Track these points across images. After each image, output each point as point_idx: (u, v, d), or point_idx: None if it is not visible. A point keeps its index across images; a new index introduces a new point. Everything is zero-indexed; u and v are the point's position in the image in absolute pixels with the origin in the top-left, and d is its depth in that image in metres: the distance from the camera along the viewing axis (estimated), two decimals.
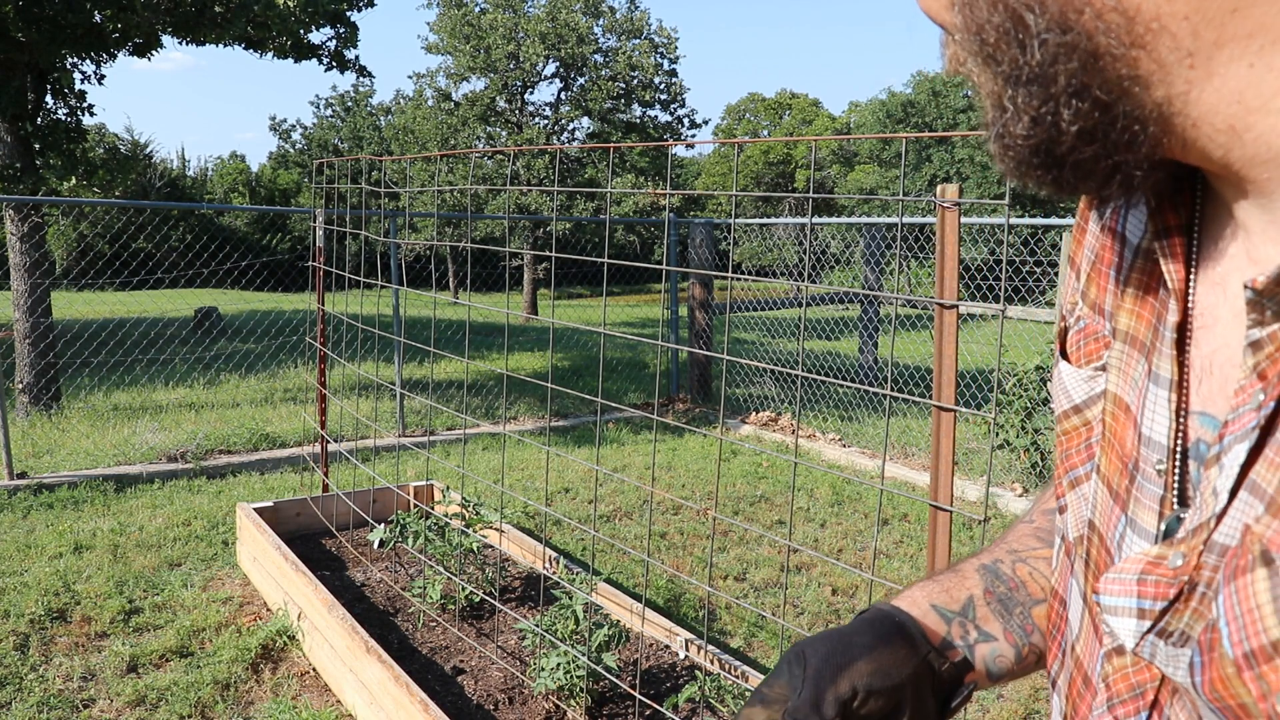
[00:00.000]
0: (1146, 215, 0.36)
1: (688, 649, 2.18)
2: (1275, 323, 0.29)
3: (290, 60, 6.19)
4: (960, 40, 0.32)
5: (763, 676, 2.09)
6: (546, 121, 17.99)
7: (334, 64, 6.62)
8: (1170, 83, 0.28)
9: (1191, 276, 0.34)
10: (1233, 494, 0.30)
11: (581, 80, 17.66)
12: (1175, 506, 0.33)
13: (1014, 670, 0.50)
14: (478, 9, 17.12)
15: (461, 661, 2.21)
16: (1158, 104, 0.29)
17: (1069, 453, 0.40)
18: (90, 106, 5.68)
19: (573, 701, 1.96)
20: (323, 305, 3.06)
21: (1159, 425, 0.34)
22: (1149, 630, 0.32)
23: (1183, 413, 0.34)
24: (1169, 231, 0.34)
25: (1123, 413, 0.36)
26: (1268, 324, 0.29)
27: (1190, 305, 0.34)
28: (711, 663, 2.07)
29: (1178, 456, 0.34)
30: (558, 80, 17.81)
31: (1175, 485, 0.33)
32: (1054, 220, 4.05)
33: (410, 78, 23.41)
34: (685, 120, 18.45)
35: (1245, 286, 0.29)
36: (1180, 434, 0.33)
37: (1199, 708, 0.31)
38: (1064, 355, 0.42)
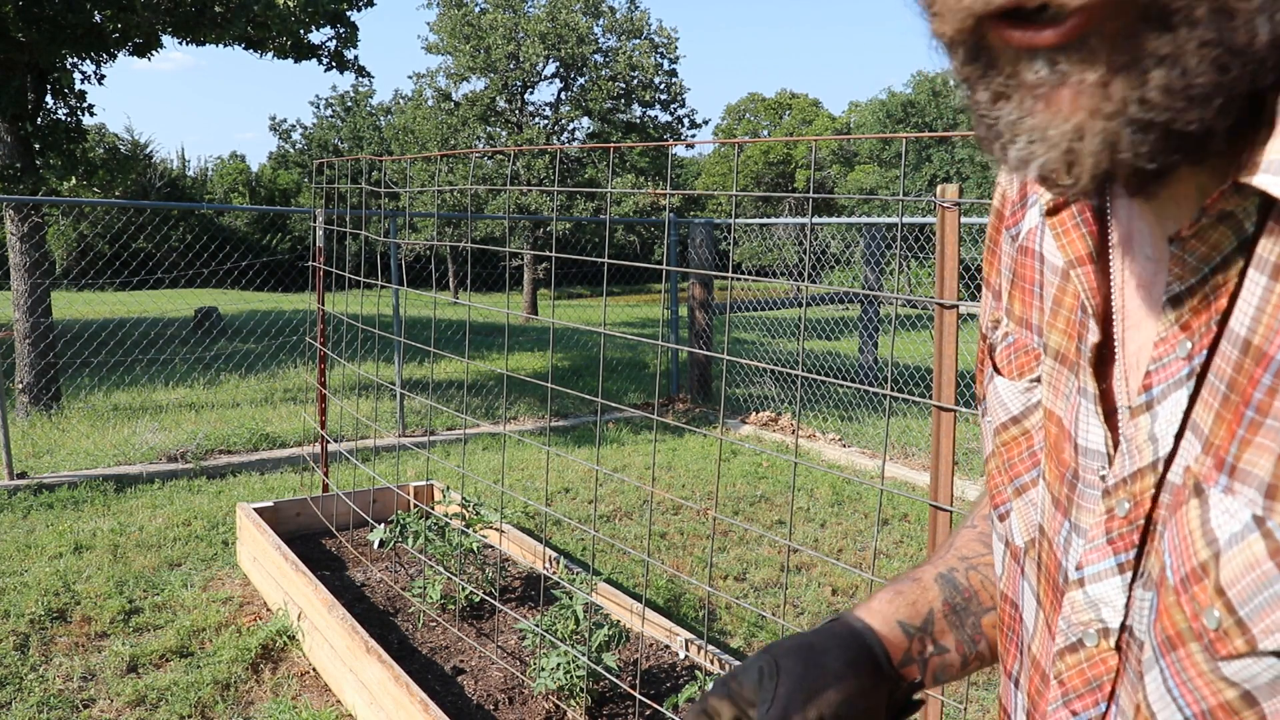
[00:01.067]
0: (1057, 243, 0.37)
1: (688, 649, 2.18)
2: (1193, 276, 0.30)
3: (290, 60, 6.19)
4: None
5: None
6: (546, 121, 17.99)
7: (334, 64, 6.62)
8: None
9: (1114, 288, 0.35)
10: (1177, 438, 0.31)
11: (581, 80, 17.66)
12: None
13: (956, 676, 0.52)
14: (478, 9, 17.12)
15: (461, 661, 2.21)
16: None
17: (1011, 461, 0.42)
18: (90, 106, 5.68)
19: (573, 701, 1.96)
20: (323, 305, 3.05)
21: (1094, 435, 0.36)
22: (1133, 580, 0.33)
23: (1113, 415, 0.35)
24: (1081, 261, 0.36)
25: (1055, 427, 0.38)
26: (1187, 278, 0.30)
27: (1116, 312, 0.35)
28: (712, 663, 2.07)
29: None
30: (558, 80, 17.81)
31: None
32: None
33: (410, 78, 23.43)
34: (685, 120, 18.45)
35: (1169, 239, 0.30)
36: (1115, 437, 0.35)
37: (1141, 666, 0.32)
38: (996, 370, 0.43)
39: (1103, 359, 0.35)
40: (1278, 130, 0.27)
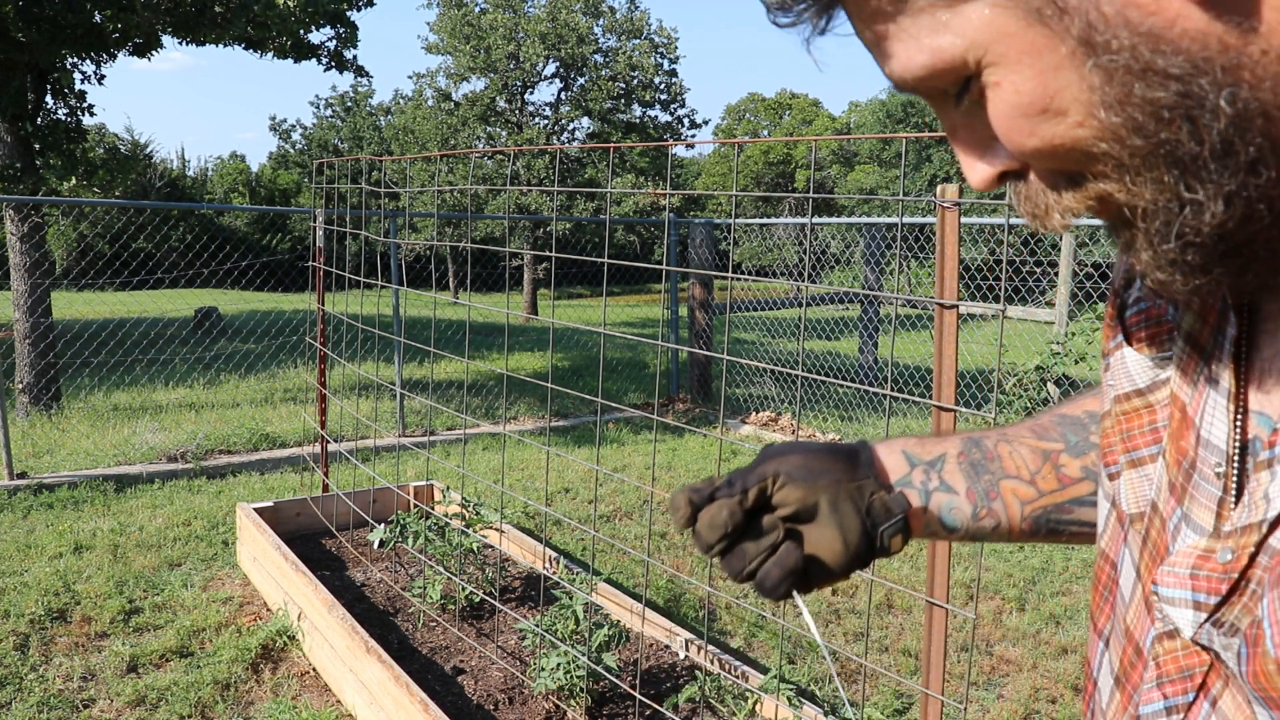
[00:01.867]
0: None
1: (688, 649, 2.18)
2: None
3: (290, 60, 6.19)
4: (1112, 150, 0.29)
5: (763, 677, 2.09)
6: (546, 121, 17.99)
7: (333, 64, 6.62)
8: None
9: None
10: None
11: (581, 80, 17.66)
12: (1233, 508, 0.35)
13: (969, 527, 0.53)
14: (478, 9, 17.11)
15: (461, 661, 2.21)
16: None
17: (1130, 433, 0.41)
18: (90, 106, 5.68)
19: (573, 701, 1.95)
20: (323, 305, 3.05)
21: (1218, 430, 0.35)
22: (1205, 621, 0.34)
23: (1241, 412, 0.34)
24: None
25: (1179, 413, 0.37)
26: None
27: (1253, 314, 0.35)
28: (711, 663, 2.07)
29: (1236, 459, 0.34)
30: (558, 80, 17.81)
31: (1234, 488, 0.34)
32: None
33: (410, 78, 23.43)
34: (685, 120, 18.44)
35: None
36: (1239, 436, 0.34)
37: (1245, 693, 0.32)
38: (1126, 335, 0.41)
39: (1238, 354, 0.35)
40: None
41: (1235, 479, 0.34)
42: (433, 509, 2.67)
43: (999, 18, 0.28)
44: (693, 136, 18.81)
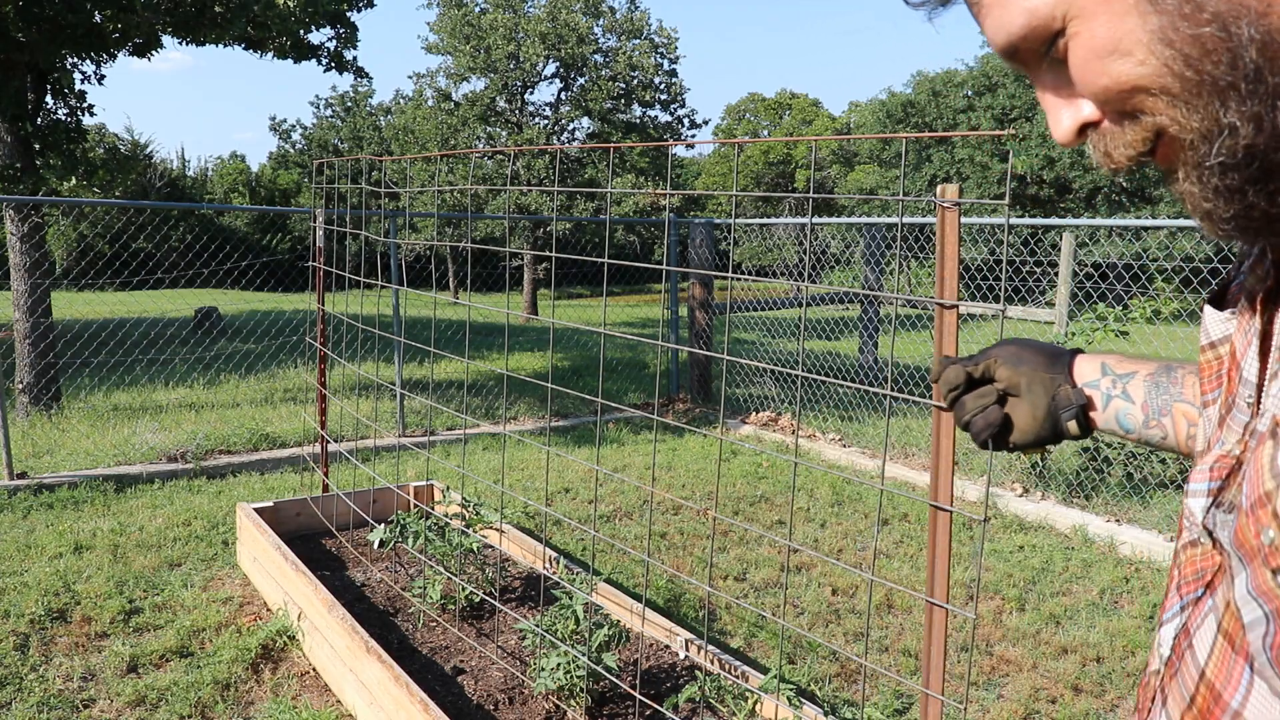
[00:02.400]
0: None
1: (688, 649, 2.18)
2: None
3: (290, 61, 6.19)
4: (1168, 83, 0.35)
5: (763, 677, 2.08)
6: (547, 121, 17.98)
7: (333, 64, 6.62)
8: None
9: None
10: (1260, 389, 0.37)
11: (581, 80, 17.65)
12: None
13: (1140, 432, 0.65)
14: (478, 9, 17.11)
15: (461, 661, 2.21)
16: None
17: (1204, 379, 0.48)
18: (90, 107, 5.68)
19: (573, 701, 1.96)
20: (323, 305, 3.06)
21: (1250, 368, 0.42)
22: (1211, 504, 0.40)
23: (1269, 352, 0.41)
24: None
25: (1231, 359, 0.44)
26: None
27: None
28: (711, 663, 2.07)
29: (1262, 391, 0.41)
30: (558, 80, 17.80)
31: (1259, 413, 0.40)
32: (1054, 220, 4.05)
33: (410, 78, 23.43)
34: (685, 120, 18.44)
35: None
36: (1265, 372, 0.40)
37: (1232, 569, 0.37)
38: (1216, 300, 0.48)
39: (1268, 303, 0.41)
40: None
41: (1258, 405, 0.40)
42: (433, 509, 2.67)
43: None
44: (693, 136, 18.81)
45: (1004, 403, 0.68)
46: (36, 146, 5.26)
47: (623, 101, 17.68)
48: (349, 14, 6.43)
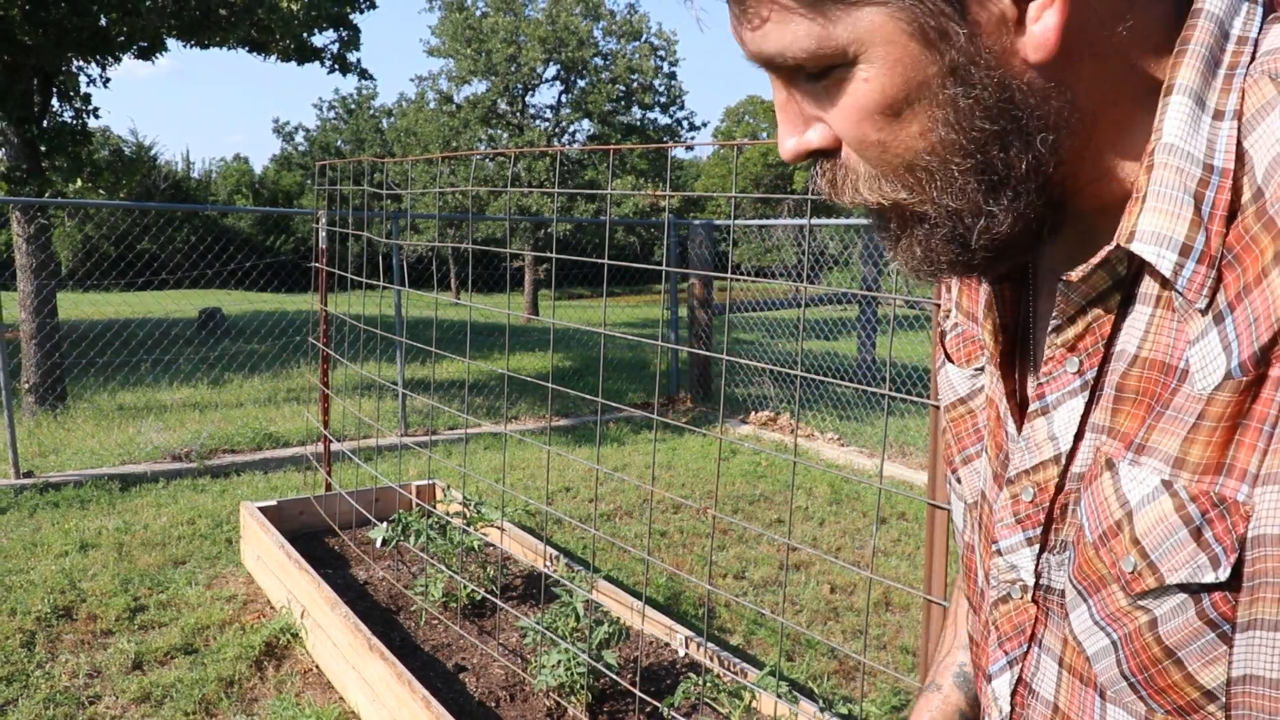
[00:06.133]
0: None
1: (687, 646, 2.20)
2: (1074, 310, 0.37)
3: (293, 63, 6.22)
4: (933, 164, 0.35)
5: (759, 673, 2.10)
6: (547, 124, 18.02)
7: (336, 67, 6.66)
8: (1100, 157, 0.35)
9: (1029, 295, 0.43)
10: (1078, 436, 0.38)
11: (582, 83, 17.68)
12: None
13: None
14: (478, 13, 17.15)
15: (463, 659, 2.23)
16: (1080, 175, 0.36)
17: (960, 435, 0.48)
18: (95, 109, 5.72)
19: (573, 699, 1.97)
20: (325, 306, 3.08)
21: (1012, 426, 0.43)
22: (1042, 550, 0.40)
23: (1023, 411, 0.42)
24: (1001, 278, 0.42)
25: (994, 413, 0.45)
26: (1069, 311, 0.37)
27: (1031, 316, 0.43)
28: (711, 660, 2.09)
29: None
30: (558, 83, 17.84)
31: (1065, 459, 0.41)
32: None
33: (412, 80, 23.48)
34: (684, 123, 18.46)
35: (1060, 279, 0.36)
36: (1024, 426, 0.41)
37: (1067, 605, 0.39)
38: (947, 357, 0.50)
39: (1011, 363, 0.43)
40: (1143, 204, 0.34)
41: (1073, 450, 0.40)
42: (434, 508, 2.69)
43: (889, 25, 0.32)
44: (692, 139, 18.83)
45: None
46: (43, 149, 5.29)
47: (622, 104, 17.71)
48: (351, 17, 6.47)
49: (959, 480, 0.49)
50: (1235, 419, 0.31)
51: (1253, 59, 0.33)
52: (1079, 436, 0.37)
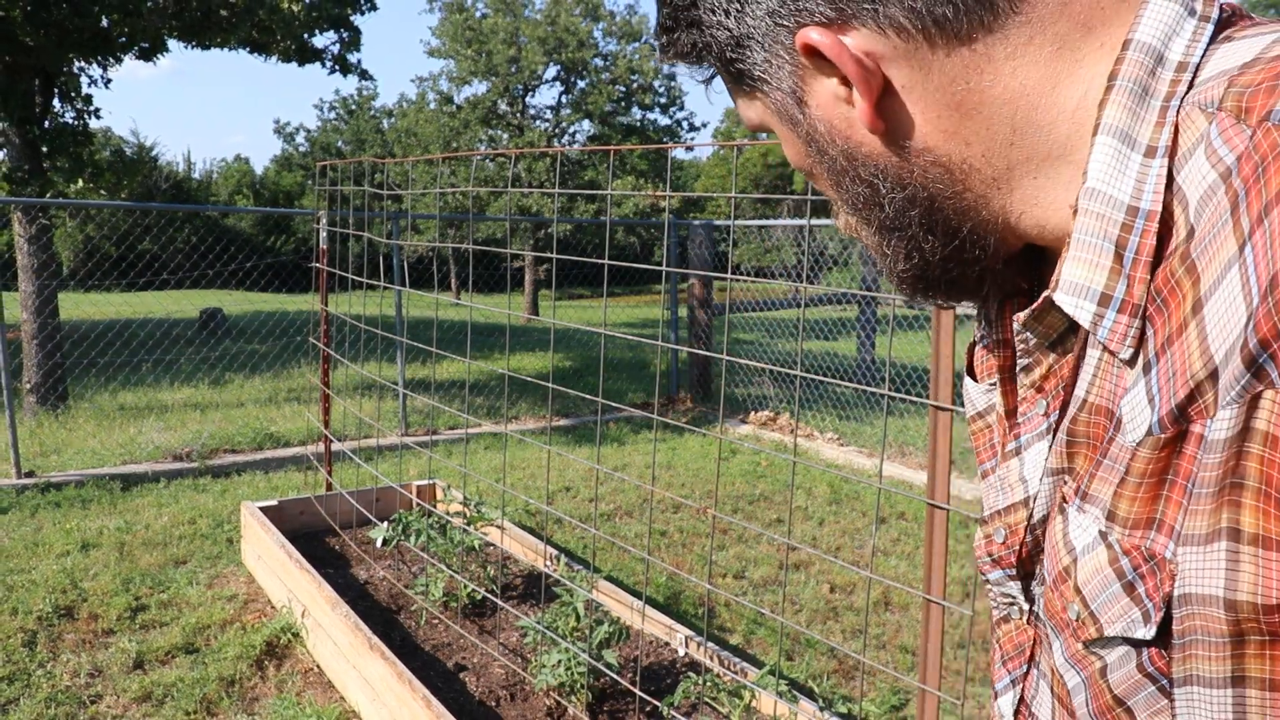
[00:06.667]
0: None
1: (687, 646, 2.20)
2: (1036, 350, 0.38)
3: (294, 64, 6.23)
4: (845, 210, 0.41)
5: (759, 672, 2.10)
6: (547, 124, 18.03)
7: (337, 67, 6.67)
8: (990, 201, 0.37)
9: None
10: (1043, 478, 0.39)
11: (582, 84, 17.70)
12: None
13: None
14: (479, 14, 17.17)
15: (463, 658, 2.23)
16: (992, 217, 0.38)
17: (979, 449, 0.49)
18: (97, 110, 5.73)
19: (574, 698, 1.98)
20: (326, 306, 3.08)
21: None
22: (1026, 586, 0.41)
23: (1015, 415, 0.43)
24: (1015, 292, 0.44)
25: (1001, 428, 0.46)
26: (1032, 352, 0.38)
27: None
28: (711, 659, 2.09)
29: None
30: (558, 84, 17.85)
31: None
32: None
33: (413, 81, 23.48)
34: (684, 123, 18.48)
35: (1014, 320, 0.38)
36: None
37: (1049, 638, 0.39)
38: (970, 370, 0.51)
39: (1013, 378, 0.45)
40: (1066, 252, 0.35)
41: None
42: (435, 507, 2.70)
43: (766, 111, 0.41)
44: (692, 139, 18.85)
45: None
46: (44, 149, 5.30)
47: (622, 104, 17.72)
48: (352, 18, 6.48)
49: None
50: (1160, 475, 0.31)
51: (1190, 87, 0.32)
52: (1044, 478, 0.38)
